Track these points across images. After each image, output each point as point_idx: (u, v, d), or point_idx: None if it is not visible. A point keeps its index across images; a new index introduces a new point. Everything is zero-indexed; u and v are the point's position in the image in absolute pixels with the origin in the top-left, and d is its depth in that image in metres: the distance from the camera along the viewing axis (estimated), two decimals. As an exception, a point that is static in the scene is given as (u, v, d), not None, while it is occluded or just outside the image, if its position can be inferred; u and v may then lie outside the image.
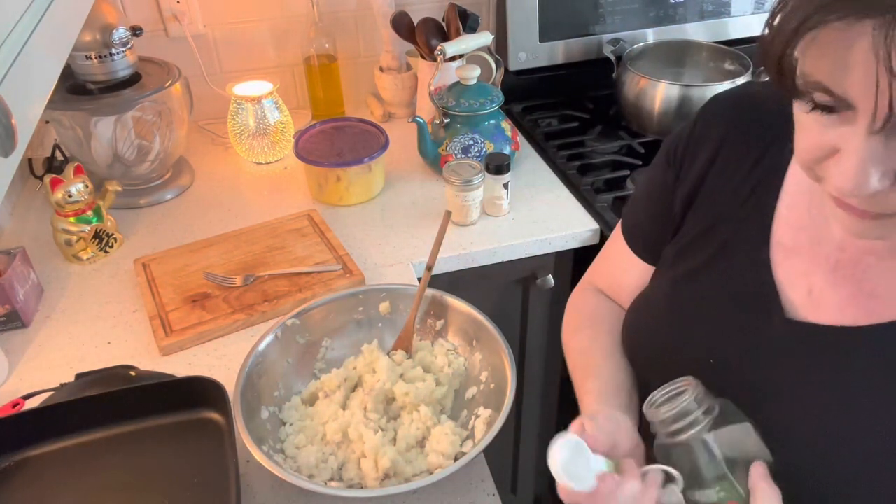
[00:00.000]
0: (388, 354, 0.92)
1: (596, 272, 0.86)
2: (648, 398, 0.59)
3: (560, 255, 1.27)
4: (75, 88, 1.24)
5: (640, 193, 0.77)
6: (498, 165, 1.19)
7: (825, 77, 0.42)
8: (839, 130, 0.43)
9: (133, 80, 1.26)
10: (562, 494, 0.56)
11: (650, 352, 0.70)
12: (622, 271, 0.79)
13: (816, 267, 0.58)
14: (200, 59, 1.49)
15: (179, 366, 0.96)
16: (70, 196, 1.11)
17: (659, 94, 1.40)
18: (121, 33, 1.19)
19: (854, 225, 0.47)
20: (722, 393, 0.59)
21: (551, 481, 0.55)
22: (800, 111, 0.47)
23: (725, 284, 0.63)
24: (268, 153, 1.43)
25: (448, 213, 0.99)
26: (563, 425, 0.59)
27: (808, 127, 0.46)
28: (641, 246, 0.76)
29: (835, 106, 0.43)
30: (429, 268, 0.96)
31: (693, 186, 0.68)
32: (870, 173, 0.42)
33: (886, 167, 0.42)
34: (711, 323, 0.64)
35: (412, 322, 0.93)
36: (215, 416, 0.80)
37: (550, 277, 1.28)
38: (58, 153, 1.33)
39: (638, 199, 0.78)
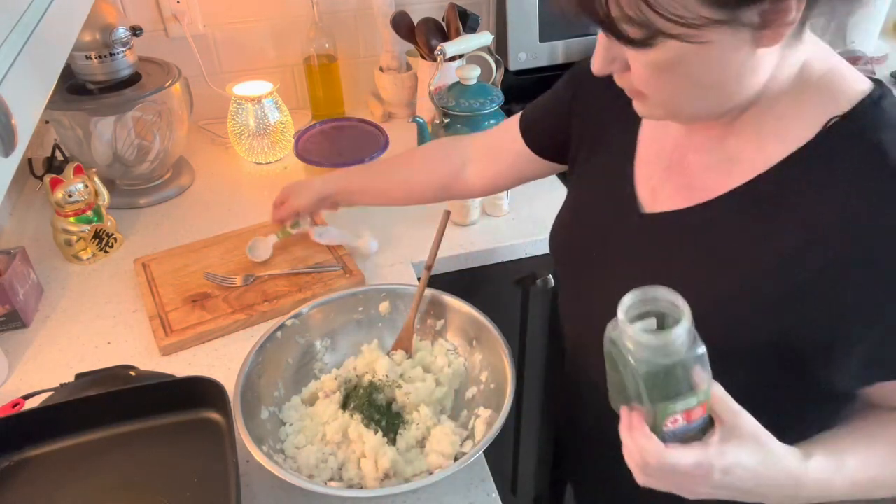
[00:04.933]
0: (387, 354, 0.92)
1: (475, 142, 1.01)
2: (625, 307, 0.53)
3: (560, 255, 1.27)
4: (75, 88, 1.24)
5: (543, 102, 0.90)
6: (498, 165, 1.19)
7: None
8: None
9: (133, 80, 1.26)
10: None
11: (561, 251, 0.85)
12: (507, 142, 0.93)
13: (657, 169, 0.70)
14: (200, 59, 1.49)
15: (179, 366, 0.96)
16: (70, 196, 1.11)
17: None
18: (121, 33, 1.19)
19: (635, 105, 0.62)
20: (598, 279, 0.74)
21: (552, 480, 0.55)
22: None
23: (604, 195, 0.76)
24: (268, 153, 1.43)
25: (447, 213, 0.99)
26: (562, 425, 0.59)
27: None
28: (532, 139, 0.90)
29: None
30: (427, 268, 0.96)
31: (582, 119, 0.81)
32: (599, 58, 0.58)
33: (612, 55, 0.57)
34: (593, 226, 0.77)
35: (412, 322, 0.93)
36: (215, 416, 0.80)
37: (550, 277, 1.28)
38: (58, 153, 1.33)
39: (539, 107, 0.90)
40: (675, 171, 0.68)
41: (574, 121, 0.82)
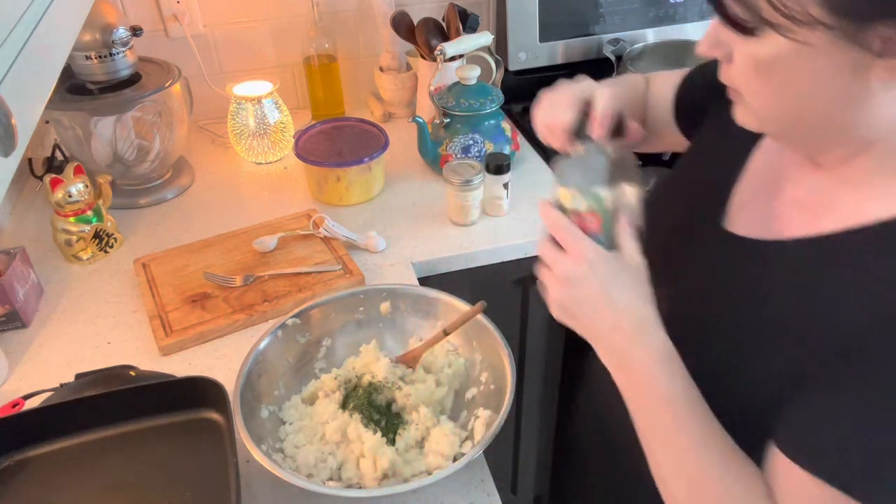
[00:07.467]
0: (392, 362, 0.91)
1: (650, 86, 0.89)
2: None
3: (560, 255, 1.26)
4: (75, 88, 1.24)
5: (695, 85, 0.81)
6: (498, 165, 1.19)
7: None
8: None
9: (133, 80, 1.26)
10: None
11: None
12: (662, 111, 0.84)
13: (754, 186, 0.66)
14: (200, 59, 1.49)
15: (179, 366, 0.96)
16: (70, 196, 1.11)
17: (659, 94, 1.40)
18: (121, 33, 1.19)
19: (733, 110, 0.58)
20: (661, 275, 0.66)
21: (552, 482, 0.55)
22: None
23: (698, 191, 0.71)
24: (268, 153, 1.43)
25: (482, 305, 0.89)
26: (562, 426, 0.59)
27: None
28: (686, 122, 0.82)
29: None
30: (444, 332, 0.90)
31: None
32: (707, 38, 0.54)
33: (720, 38, 0.53)
34: (671, 223, 0.72)
35: (423, 351, 0.91)
36: (215, 416, 0.80)
37: (550, 277, 1.27)
38: (58, 153, 1.33)
39: (693, 90, 0.81)
40: (766, 195, 0.63)
41: (714, 106, 0.74)
